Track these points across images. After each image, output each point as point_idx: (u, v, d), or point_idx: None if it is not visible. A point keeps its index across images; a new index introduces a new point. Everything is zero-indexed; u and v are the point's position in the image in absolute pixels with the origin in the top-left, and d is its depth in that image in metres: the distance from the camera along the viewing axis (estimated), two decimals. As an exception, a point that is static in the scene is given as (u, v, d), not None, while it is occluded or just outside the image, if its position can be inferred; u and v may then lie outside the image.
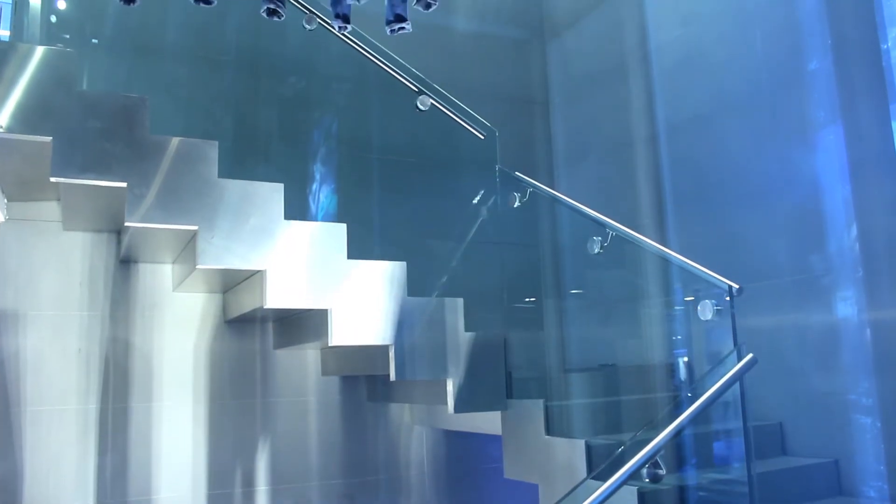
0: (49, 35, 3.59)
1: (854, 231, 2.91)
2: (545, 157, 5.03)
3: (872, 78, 2.86)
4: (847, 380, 2.95)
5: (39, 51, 2.98)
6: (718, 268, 3.65)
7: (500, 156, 3.86)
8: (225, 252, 3.09)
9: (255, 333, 4.15)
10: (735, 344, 2.52)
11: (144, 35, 3.66)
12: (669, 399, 3.62)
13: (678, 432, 2.34)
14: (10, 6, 4.27)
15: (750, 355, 2.45)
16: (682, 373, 3.64)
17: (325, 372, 4.25)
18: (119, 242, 3.93)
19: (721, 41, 3.90)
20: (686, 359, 3.63)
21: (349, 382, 4.33)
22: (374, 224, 3.62)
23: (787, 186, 3.37)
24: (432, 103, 3.62)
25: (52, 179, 2.94)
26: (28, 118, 2.90)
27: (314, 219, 3.58)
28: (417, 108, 3.57)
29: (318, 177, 3.61)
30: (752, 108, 3.67)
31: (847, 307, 2.96)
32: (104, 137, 3.00)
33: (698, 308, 2.63)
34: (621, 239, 3.07)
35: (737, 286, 2.60)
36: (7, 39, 4.10)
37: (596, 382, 3.65)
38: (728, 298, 2.71)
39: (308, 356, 4.27)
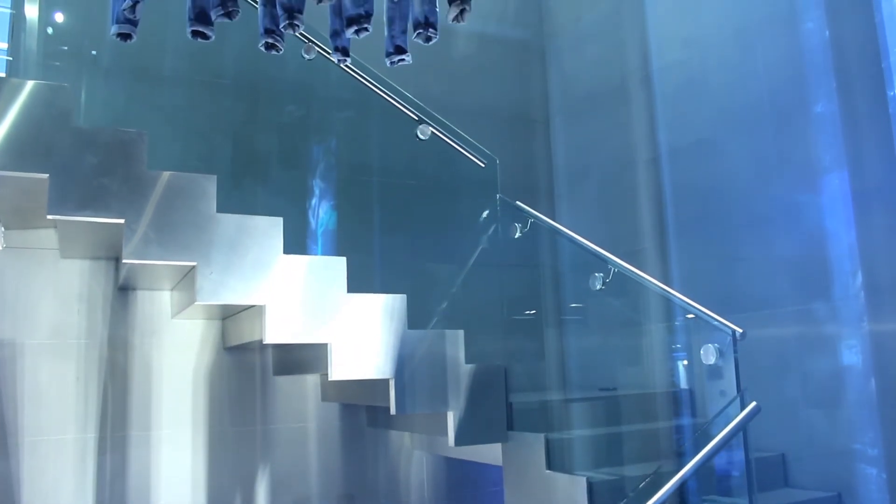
0: (46, 52, 3.54)
1: (859, 279, 2.88)
2: (546, 176, 5.00)
3: (879, 125, 2.83)
4: (852, 429, 2.93)
5: (34, 86, 2.95)
6: (720, 295, 3.63)
7: (500, 181, 3.83)
8: (223, 288, 3.06)
9: (255, 360, 4.13)
10: (738, 390, 2.50)
11: (141, 66, 3.62)
12: (671, 429, 3.60)
13: (681, 485, 2.32)
14: (8, 16, 4.24)
15: (753, 404, 2.43)
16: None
17: (325, 398, 4.23)
18: (117, 269, 3.90)
19: (723, 66, 3.87)
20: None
21: (349, 408, 4.31)
22: (375, 255, 3.59)
23: (791, 223, 3.34)
24: (432, 132, 3.59)
25: (49, 217, 2.91)
26: (24, 155, 2.87)
27: (314, 252, 3.55)
28: (417, 137, 3.54)
29: (317, 208, 3.59)
30: (755, 136, 3.64)
31: (852, 356, 2.93)
32: (101, 173, 2.97)
33: (701, 352, 2.61)
34: (624, 275, 3.04)
35: (740, 330, 2.57)
36: (5, 52, 4.08)
37: (597, 413, 3.62)
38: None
39: (308, 382, 4.25)
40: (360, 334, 3.23)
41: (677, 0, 4.21)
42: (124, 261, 2.98)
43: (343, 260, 3.24)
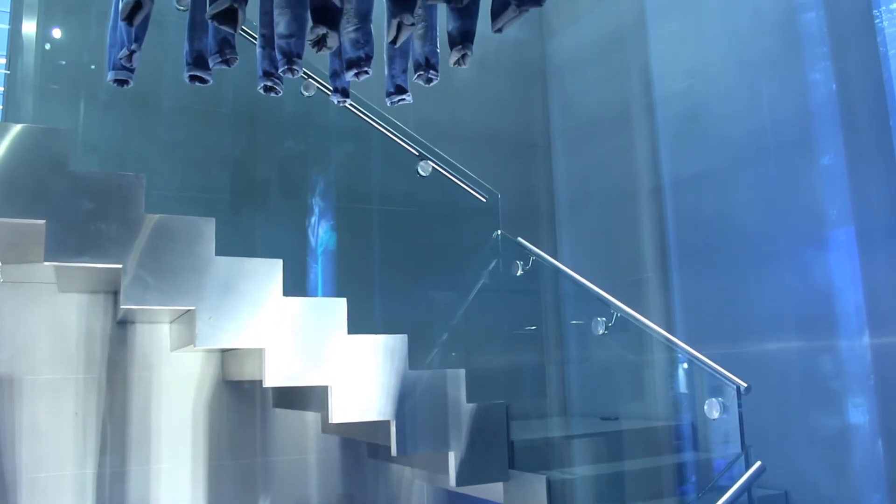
0: (40, 95, 3.50)
1: (866, 339, 2.85)
2: (547, 200, 4.97)
3: (888, 184, 2.79)
4: (858, 490, 2.90)
5: (29, 129, 2.91)
6: (723, 329, 3.60)
7: (501, 206, 3.80)
8: (222, 331, 3.03)
9: (255, 393, 4.10)
10: (743, 447, 2.48)
11: (136, 105, 3.58)
12: (674, 467, 3.59)
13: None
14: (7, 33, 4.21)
15: (758, 463, 2.41)
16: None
17: (325, 430, 4.21)
18: (116, 303, 3.87)
19: (727, 99, 3.83)
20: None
21: (350, 440, 4.29)
22: (375, 293, 3.56)
23: (796, 264, 3.30)
24: (433, 168, 3.56)
25: (46, 263, 2.88)
26: (19, 200, 2.83)
27: (314, 293, 3.52)
28: (418, 173, 3.51)
29: (317, 247, 3.55)
30: (759, 173, 3.60)
31: (859, 415, 2.91)
32: (98, 218, 2.93)
33: (705, 407, 2.59)
34: (627, 320, 3.02)
35: (745, 385, 2.55)
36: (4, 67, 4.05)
37: (599, 449, 3.60)
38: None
39: (308, 414, 4.22)
40: (361, 376, 3.20)
41: (679, 29, 4.16)
42: (122, 306, 2.95)
43: (343, 301, 3.21)
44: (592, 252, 4.62)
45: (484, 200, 3.59)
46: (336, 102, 3.11)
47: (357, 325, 3.25)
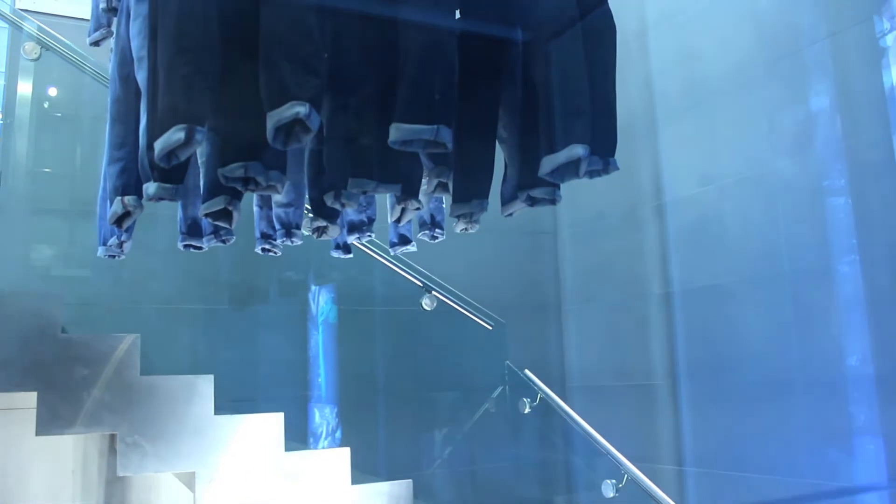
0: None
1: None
2: (553, 290, 4.84)
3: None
4: None
5: (18, 294, 2.81)
6: (734, 453, 3.51)
7: (506, 297, 3.71)
8: (223, 495, 2.95)
9: (256, 512, 4.03)
10: None
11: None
12: None
13: None
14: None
15: None
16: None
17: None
18: (112, 425, 3.77)
19: (739, 213, 3.70)
20: None
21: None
22: (378, 436, 3.47)
23: (812, 415, 3.20)
24: (438, 299, 3.45)
25: (37, 437, 2.78)
26: (9, 372, 2.74)
27: (317, 445, 3.43)
28: (422, 307, 3.40)
29: (317, 398, 3.45)
30: (773, 295, 3.49)
31: None
32: (92, 385, 2.83)
33: None
34: (638, 484, 2.93)
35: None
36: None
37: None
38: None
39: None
40: (366, 528, 3.13)
41: (691, 132, 4.02)
42: (119, 475, 2.87)
43: (347, 451, 3.13)
44: (600, 349, 4.52)
45: (490, 328, 3.49)
46: (336, 257, 2.99)
47: (359, 463, 3.18)
